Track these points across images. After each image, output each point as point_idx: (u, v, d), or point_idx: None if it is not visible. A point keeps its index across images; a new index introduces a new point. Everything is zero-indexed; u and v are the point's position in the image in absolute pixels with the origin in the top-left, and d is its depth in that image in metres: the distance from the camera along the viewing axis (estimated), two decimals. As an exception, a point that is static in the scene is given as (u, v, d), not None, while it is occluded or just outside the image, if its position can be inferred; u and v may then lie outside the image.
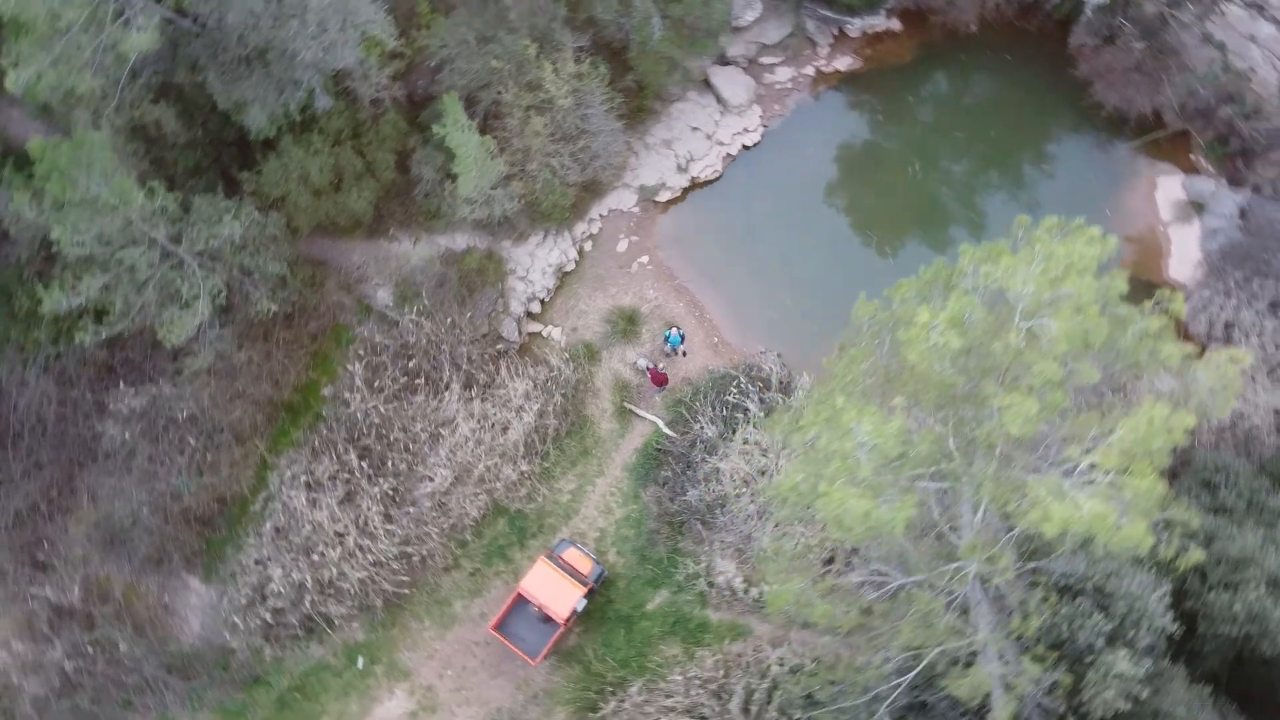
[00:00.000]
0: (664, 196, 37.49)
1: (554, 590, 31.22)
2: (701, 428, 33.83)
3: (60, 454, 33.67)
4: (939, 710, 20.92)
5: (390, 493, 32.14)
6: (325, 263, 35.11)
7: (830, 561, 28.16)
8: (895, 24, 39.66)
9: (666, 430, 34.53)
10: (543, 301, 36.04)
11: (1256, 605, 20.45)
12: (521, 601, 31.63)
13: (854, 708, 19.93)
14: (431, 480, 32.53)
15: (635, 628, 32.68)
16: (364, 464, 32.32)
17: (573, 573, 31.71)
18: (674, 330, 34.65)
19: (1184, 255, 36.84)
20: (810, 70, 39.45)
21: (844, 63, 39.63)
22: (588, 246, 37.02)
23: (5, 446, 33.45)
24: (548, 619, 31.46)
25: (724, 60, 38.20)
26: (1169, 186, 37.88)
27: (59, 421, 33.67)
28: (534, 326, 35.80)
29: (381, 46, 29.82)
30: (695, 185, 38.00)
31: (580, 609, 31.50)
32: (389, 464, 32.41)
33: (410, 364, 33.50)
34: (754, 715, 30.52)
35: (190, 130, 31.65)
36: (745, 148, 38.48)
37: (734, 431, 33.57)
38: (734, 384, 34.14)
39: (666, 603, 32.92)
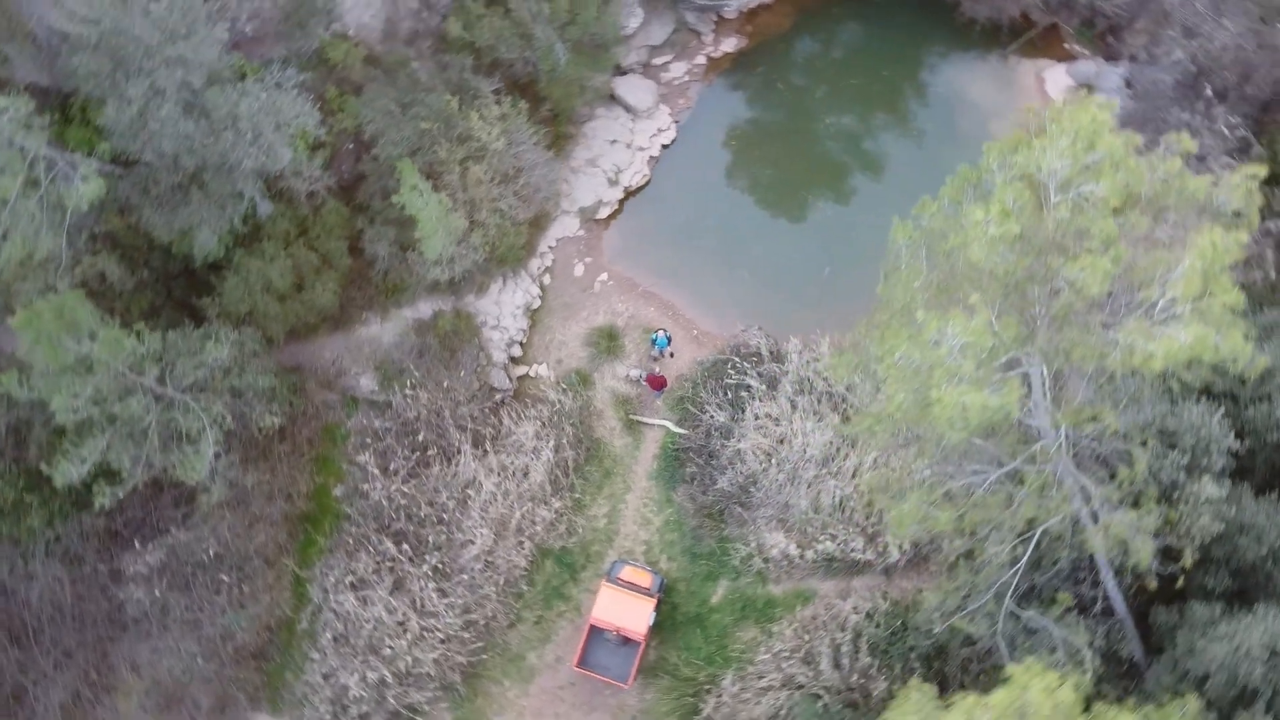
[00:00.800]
0: (604, 213, 38.24)
1: (624, 610, 31.46)
2: (711, 416, 34.58)
3: (86, 635, 32.44)
4: (1049, 589, 21.99)
5: (437, 567, 31.93)
6: (300, 367, 34.71)
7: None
8: (762, -5, 41.35)
9: (677, 430, 35.15)
10: (521, 344, 36.33)
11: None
12: (596, 632, 31.76)
13: (982, 607, 20.78)
14: (473, 543, 32.42)
15: (708, 623, 33.12)
16: (403, 547, 32.02)
17: (636, 589, 32.00)
18: (660, 333, 35.37)
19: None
20: (702, 60, 40.81)
21: (730, 44, 41.12)
22: (547, 280, 37.47)
23: (28, 644, 32.07)
24: (626, 640, 31.67)
25: (620, 71, 39.23)
26: (1056, 78, 40.37)
27: (76, 603, 32.44)
28: (521, 370, 36.06)
29: (307, 139, 29.86)
30: (629, 194, 38.87)
31: (652, 621, 31.79)
32: (427, 540, 32.20)
33: (417, 438, 33.37)
34: (848, 667, 31.26)
35: (135, 274, 31.09)
36: (664, 147, 39.56)
37: (743, 411, 34.39)
38: (729, 366, 35.01)
39: (729, 591, 33.45)
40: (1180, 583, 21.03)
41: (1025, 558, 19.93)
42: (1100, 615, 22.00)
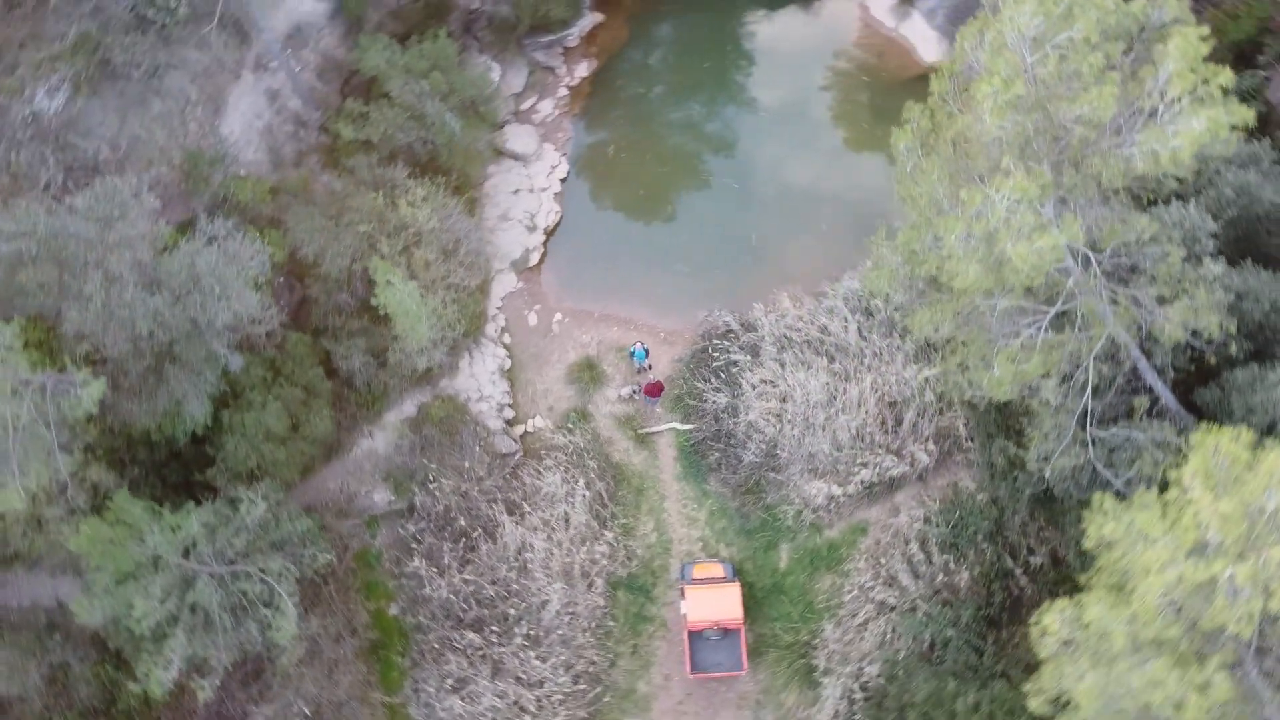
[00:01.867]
0: (534, 259, 39.11)
1: (714, 604, 32.27)
2: (712, 402, 35.85)
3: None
4: (1112, 410, 24.08)
5: (528, 635, 31.96)
6: (311, 506, 34.09)
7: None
8: (598, 16, 43.15)
9: (685, 427, 36.25)
10: (510, 405, 36.72)
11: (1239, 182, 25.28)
12: (695, 636, 32.43)
13: (1069, 444, 22.65)
14: (549, 600, 32.59)
15: (786, 587, 34.26)
16: (486, 632, 31.93)
17: (713, 582, 32.86)
18: (636, 345, 36.41)
19: (924, 41, 42.70)
20: (564, 91, 42.28)
21: (584, 69, 42.76)
22: (507, 339, 38.01)
23: None
24: (726, 632, 32.45)
25: (498, 125, 40.24)
26: (875, 3, 43.77)
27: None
28: (519, 429, 36.44)
29: (257, 280, 29.70)
30: (549, 234, 39.86)
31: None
32: (507, 615, 32.20)
33: (455, 527, 33.35)
34: (927, 573, 32.94)
35: (125, 474, 30.07)
36: (562, 180, 40.77)
37: (739, 385, 35.81)
38: (709, 351, 36.40)
39: (793, 551, 34.71)
40: (1213, 360, 23.57)
41: (1089, 383, 21.84)
42: (1157, 416, 24.31)
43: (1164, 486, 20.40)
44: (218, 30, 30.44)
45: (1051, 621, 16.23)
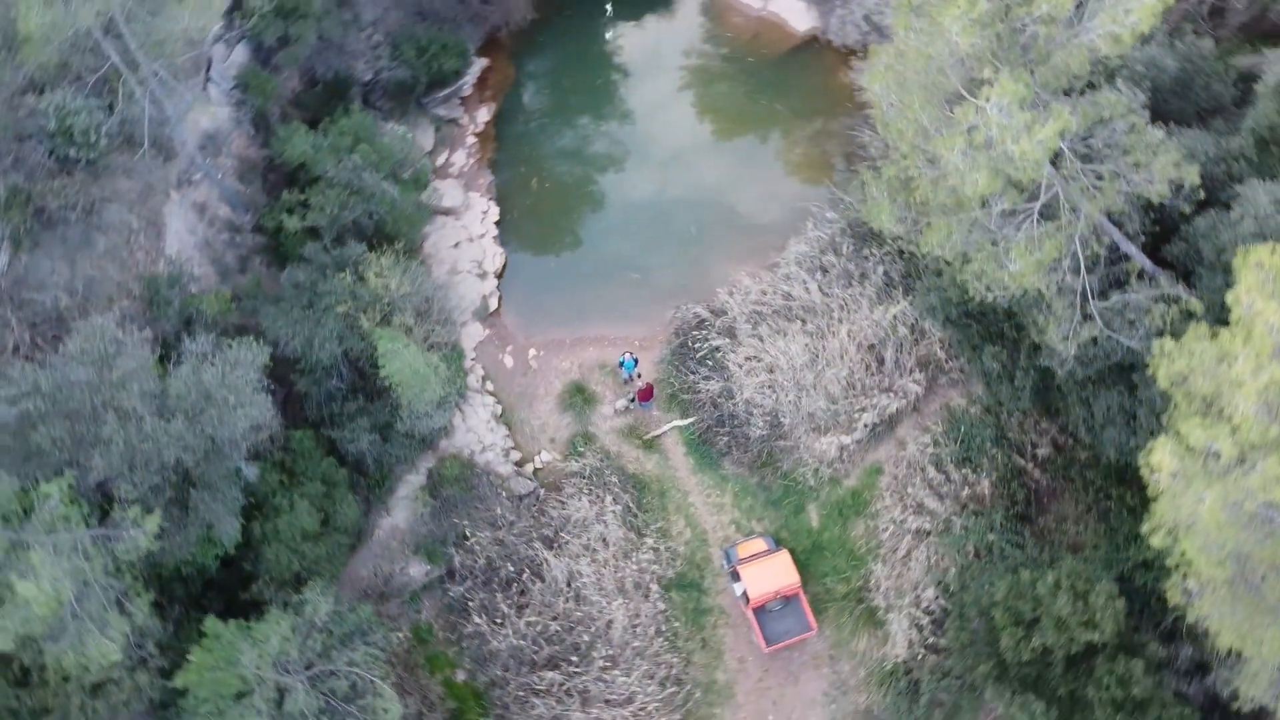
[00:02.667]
0: (494, 304, 39.54)
1: (770, 575, 33.25)
2: (705, 390, 36.90)
3: None
4: (1106, 282, 26.03)
5: (606, 658, 32.26)
6: (353, 598, 33.70)
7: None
8: (484, 60, 43.96)
9: (685, 422, 37.18)
10: (514, 448, 36.98)
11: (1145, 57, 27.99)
12: (760, 611, 33.29)
13: (1076, 325, 24.52)
14: (613, 619, 32.98)
15: (824, 543, 35.52)
16: (566, 666, 32.11)
17: (761, 555, 33.84)
18: (626, 355, 37.20)
19: (794, 14, 45.19)
20: (471, 139, 42.93)
21: (484, 114, 43.51)
22: (490, 386, 38.28)
23: None
24: (787, 599, 33.43)
25: (426, 184, 40.53)
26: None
27: None
28: (529, 467, 36.73)
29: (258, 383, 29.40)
30: (500, 276, 40.32)
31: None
32: (581, 643, 32.44)
33: (501, 575, 33.46)
34: (949, 492, 34.68)
35: (167, 616, 29.25)
36: (496, 223, 41.29)
37: (726, 368, 37.01)
38: (689, 343, 37.49)
39: (820, 508, 36.00)
40: (1178, 219, 25.94)
41: (1080, 263, 23.74)
42: (1140, 279, 26.49)
43: (1175, 334, 22.48)
44: (147, 156, 30.07)
45: (1160, 457, 17.75)
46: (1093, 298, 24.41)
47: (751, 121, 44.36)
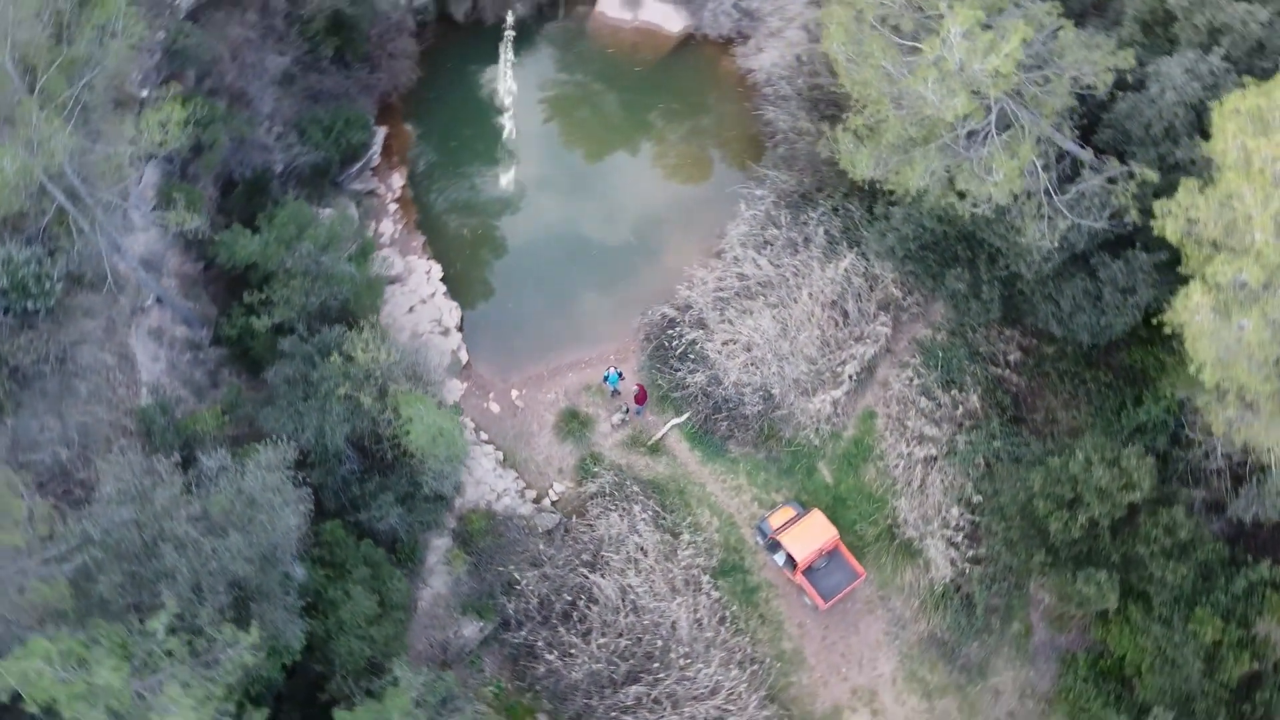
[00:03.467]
0: (465, 356, 39.67)
1: (809, 536, 34.55)
2: (694, 382, 37.97)
3: None
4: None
5: (682, 658, 32.85)
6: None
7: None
8: (383, 128, 44.08)
9: (682, 419, 38.14)
10: (526, 488, 37.21)
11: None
12: (809, 572, 34.46)
13: (1048, 216, 26.64)
14: (677, 619, 33.61)
15: (842, 495, 37.08)
16: (647, 676, 32.57)
17: (794, 521, 35.08)
18: (610, 369, 37.90)
19: (667, 18, 46.92)
20: (393, 206, 42.99)
21: (398, 180, 43.64)
22: (484, 435, 38.40)
23: None
24: (829, 553, 34.72)
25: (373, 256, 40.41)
26: (608, 6, 47.39)
27: None
28: (546, 501, 37.02)
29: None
30: (461, 329, 40.45)
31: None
32: (655, 649, 32.93)
33: (558, 607, 33.72)
34: (943, 415, 36.71)
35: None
36: (443, 279, 41.40)
37: (706, 358, 38.18)
38: (666, 344, 38.53)
39: (830, 463, 37.55)
40: (1097, 110, 28.44)
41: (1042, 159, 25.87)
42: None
43: (1140, 204, 24.76)
44: (102, 290, 29.38)
45: (1196, 299, 19.66)
46: (1055, 194, 26.55)
47: (652, 126, 45.85)
